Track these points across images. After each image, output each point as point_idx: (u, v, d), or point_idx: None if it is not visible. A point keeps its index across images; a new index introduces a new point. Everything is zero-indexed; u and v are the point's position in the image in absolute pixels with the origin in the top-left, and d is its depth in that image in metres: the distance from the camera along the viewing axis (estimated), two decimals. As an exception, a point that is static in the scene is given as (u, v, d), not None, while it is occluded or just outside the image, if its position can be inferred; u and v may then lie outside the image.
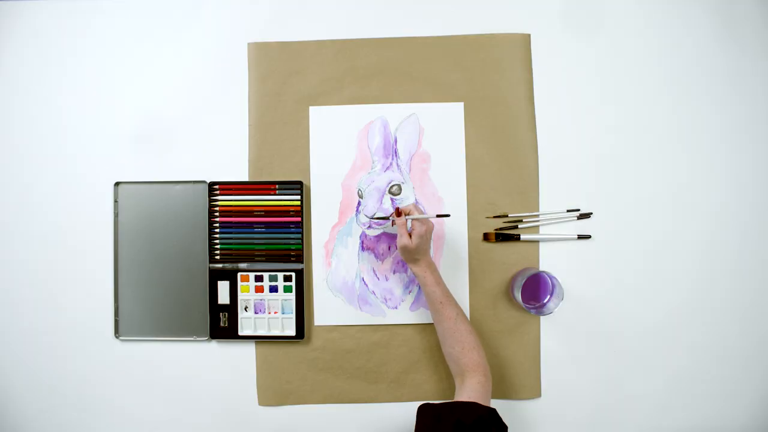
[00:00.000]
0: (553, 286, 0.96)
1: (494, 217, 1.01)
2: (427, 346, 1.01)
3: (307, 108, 1.02)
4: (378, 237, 1.01)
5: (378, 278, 1.01)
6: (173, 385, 1.02)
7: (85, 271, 1.02)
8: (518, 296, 0.95)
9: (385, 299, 1.01)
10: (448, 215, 0.92)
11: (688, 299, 1.01)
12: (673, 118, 1.02)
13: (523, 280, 0.94)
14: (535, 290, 0.98)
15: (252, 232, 1.01)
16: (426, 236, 0.90)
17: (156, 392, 1.02)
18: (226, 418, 1.01)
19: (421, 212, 0.92)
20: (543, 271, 0.95)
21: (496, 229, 1.01)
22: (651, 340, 1.01)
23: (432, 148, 1.01)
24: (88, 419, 1.02)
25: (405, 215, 0.91)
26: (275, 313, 1.01)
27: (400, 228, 0.90)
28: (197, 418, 1.02)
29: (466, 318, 0.91)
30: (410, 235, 0.90)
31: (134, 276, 1.02)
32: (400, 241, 0.90)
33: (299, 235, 1.01)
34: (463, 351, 0.87)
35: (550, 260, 1.01)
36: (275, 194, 1.01)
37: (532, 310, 0.95)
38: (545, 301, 0.97)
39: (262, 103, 1.02)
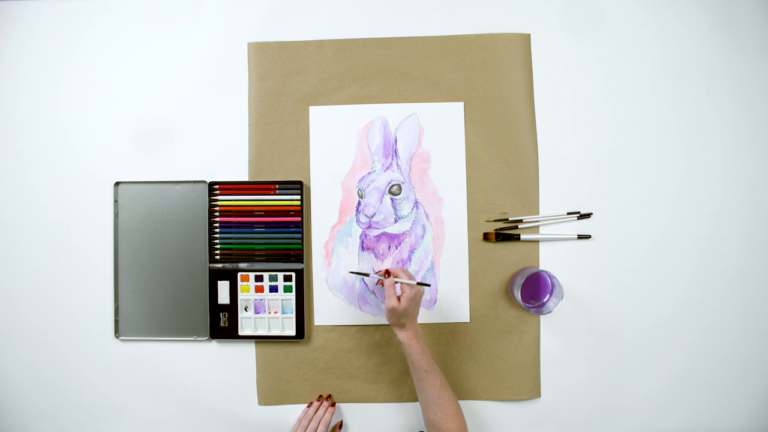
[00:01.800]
0: (553, 285, 0.96)
1: (495, 220, 1.01)
2: (427, 346, 1.01)
3: (307, 108, 1.02)
4: (378, 237, 1.01)
5: (378, 278, 1.01)
6: (173, 385, 1.02)
7: (86, 271, 1.02)
8: (518, 295, 0.95)
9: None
10: (428, 284, 0.89)
11: (688, 299, 1.01)
12: (672, 118, 1.02)
13: (523, 280, 0.94)
14: (534, 289, 0.98)
15: (252, 232, 1.01)
16: (416, 300, 0.87)
17: (156, 392, 1.02)
18: (226, 418, 1.01)
19: (411, 276, 0.89)
20: (542, 271, 0.95)
21: (496, 230, 1.01)
22: (651, 340, 1.01)
23: (432, 148, 1.01)
24: (88, 419, 1.02)
25: (393, 277, 0.89)
26: (275, 313, 1.01)
27: (388, 289, 0.88)
28: (197, 418, 1.02)
29: (449, 386, 0.89)
30: (399, 299, 0.87)
31: (134, 276, 1.02)
32: (387, 303, 0.87)
33: (299, 235, 1.01)
34: (445, 418, 0.86)
35: (550, 260, 1.01)
36: (275, 194, 1.01)
37: (531, 310, 0.95)
38: (545, 300, 0.97)
39: (262, 103, 1.02)
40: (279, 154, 1.02)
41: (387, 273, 0.90)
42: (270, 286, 1.01)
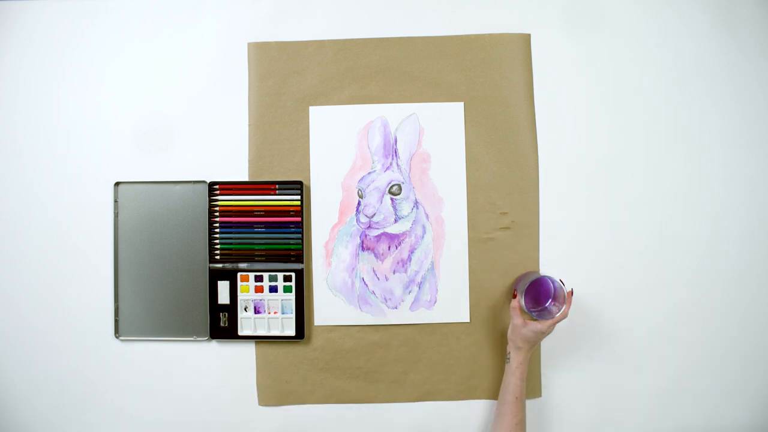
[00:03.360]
0: (555, 290, 0.96)
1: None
2: (427, 346, 1.01)
3: (307, 108, 1.02)
4: (378, 237, 1.01)
5: (378, 278, 1.01)
6: (173, 385, 1.02)
7: (86, 271, 1.02)
8: (522, 301, 0.94)
9: (385, 299, 1.01)
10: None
11: (688, 299, 1.01)
12: (672, 117, 1.02)
13: (526, 285, 0.94)
14: (536, 294, 0.98)
15: (252, 232, 1.01)
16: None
17: (156, 392, 1.02)
18: (227, 418, 1.01)
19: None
20: (545, 276, 0.94)
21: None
22: (651, 340, 1.01)
23: (432, 148, 1.01)
24: (88, 419, 1.02)
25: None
26: (275, 313, 1.01)
27: (560, 316, 0.92)
28: (197, 418, 1.01)
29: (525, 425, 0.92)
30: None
31: (134, 276, 1.02)
32: (551, 326, 0.91)
33: (299, 235, 1.01)
34: None
35: (550, 260, 1.01)
36: (275, 194, 1.01)
37: (534, 314, 0.95)
38: (547, 305, 0.97)
39: (262, 103, 1.02)
40: (279, 154, 1.02)
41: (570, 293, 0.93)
42: (270, 286, 1.01)
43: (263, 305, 1.01)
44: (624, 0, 1.03)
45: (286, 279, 1.01)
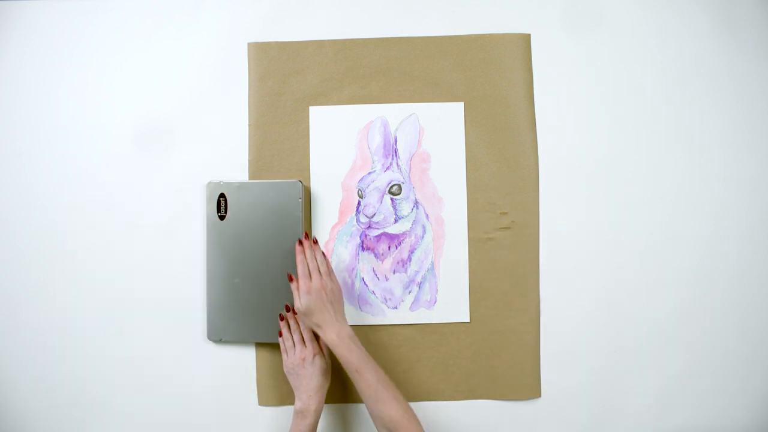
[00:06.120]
0: None
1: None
2: (427, 346, 1.01)
3: (307, 108, 1.02)
4: (378, 237, 1.01)
5: (378, 278, 1.01)
6: (173, 385, 1.02)
7: (85, 272, 1.02)
8: None
9: (385, 299, 1.01)
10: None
11: (688, 299, 1.01)
12: (672, 118, 1.02)
13: None
14: None
15: (252, 232, 1.01)
16: (317, 295, 0.88)
17: (156, 392, 1.02)
18: (226, 418, 1.01)
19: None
20: None
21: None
22: (651, 340, 1.01)
23: (432, 148, 1.01)
24: (88, 419, 1.02)
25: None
26: (275, 313, 1.01)
27: (294, 292, 0.90)
28: (197, 418, 1.01)
29: (388, 380, 0.87)
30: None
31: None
32: (294, 305, 0.90)
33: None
34: (386, 407, 0.84)
35: (550, 260, 1.01)
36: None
37: None
38: None
39: (262, 103, 1.02)
40: (279, 154, 1.02)
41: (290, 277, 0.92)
42: (270, 286, 1.01)
43: (263, 305, 1.01)
44: (624, 0, 1.03)
45: (286, 279, 1.01)
